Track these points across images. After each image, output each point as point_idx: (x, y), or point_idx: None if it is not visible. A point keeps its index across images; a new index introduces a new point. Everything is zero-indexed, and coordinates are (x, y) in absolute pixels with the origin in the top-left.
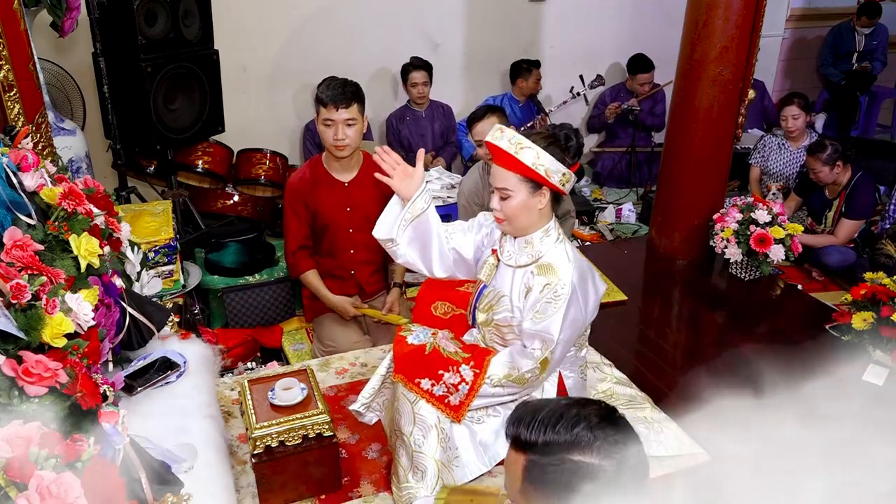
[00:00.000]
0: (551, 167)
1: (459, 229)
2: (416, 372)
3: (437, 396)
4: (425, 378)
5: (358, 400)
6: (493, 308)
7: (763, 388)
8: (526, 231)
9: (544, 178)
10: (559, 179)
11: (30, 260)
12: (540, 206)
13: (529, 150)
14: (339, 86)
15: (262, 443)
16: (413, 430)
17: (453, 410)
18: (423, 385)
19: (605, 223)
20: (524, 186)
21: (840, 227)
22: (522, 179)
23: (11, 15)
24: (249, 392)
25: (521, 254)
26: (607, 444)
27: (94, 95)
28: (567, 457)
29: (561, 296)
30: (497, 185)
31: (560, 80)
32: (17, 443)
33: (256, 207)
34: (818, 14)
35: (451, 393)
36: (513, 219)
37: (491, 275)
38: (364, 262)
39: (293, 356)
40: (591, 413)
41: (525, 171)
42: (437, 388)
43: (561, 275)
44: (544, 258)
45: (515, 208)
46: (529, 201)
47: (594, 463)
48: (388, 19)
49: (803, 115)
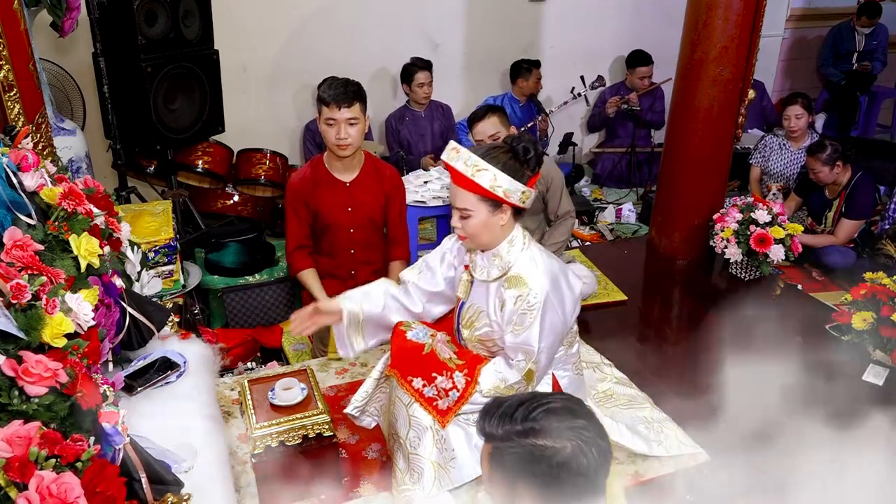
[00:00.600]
0: (510, 188)
1: (425, 268)
2: (411, 370)
3: (426, 398)
4: (418, 377)
5: (351, 403)
6: (475, 324)
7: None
8: (490, 246)
9: (503, 198)
10: (519, 198)
11: (30, 260)
12: (501, 223)
13: (486, 172)
14: (342, 85)
15: (262, 443)
16: (408, 432)
17: (440, 414)
18: (415, 384)
19: (605, 223)
20: (484, 206)
21: (840, 227)
22: (481, 199)
23: (11, 15)
24: (249, 392)
25: (491, 267)
26: (563, 430)
27: (94, 95)
28: (522, 441)
29: (534, 306)
30: (456, 205)
31: (560, 80)
32: (17, 443)
33: (256, 207)
34: (818, 14)
35: (440, 397)
36: (474, 237)
37: (467, 291)
38: (364, 262)
39: (293, 356)
40: (550, 402)
41: (483, 192)
42: (428, 390)
43: (531, 284)
44: (513, 269)
45: (476, 227)
46: (490, 220)
47: (548, 446)
48: (388, 19)
49: (806, 114)
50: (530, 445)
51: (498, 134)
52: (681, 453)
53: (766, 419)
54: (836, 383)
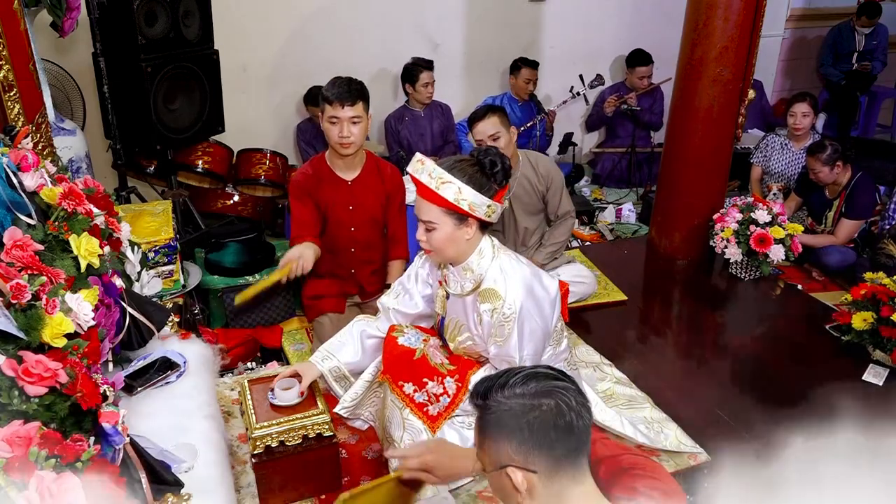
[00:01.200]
0: (475, 201)
1: (402, 292)
2: (402, 374)
3: (417, 403)
4: (409, 383)
5: (340, 403)
6: (457, 337)
7: (762, 389)
8: (458, 260)
9: (468, 212)
10: (484, 212)
11: (30, 260)
12: (467, 237)
13: (450, 185)
14: (345, 84)
15: (262, 443)
16: (403, 435)
17: (431, 420)
18: (406, 389)
19: (605, 223)
20: (449, 219)
21: (840, 227)
22: (446, 212)
23: (11, 15)
24: (249, 392)
25: (464, 280)
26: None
27: (94, 95)
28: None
29: (510, 317)
30: (421, 218)
31: (560, 80)
32: (17, 443)
33: (256, 207)
34: (818, 14)
35: (431, 402)
36: (440, 251)
37: (444, 306)
38: (365, 261)
39: (293, 356)
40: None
41: (447, 205)
42: (419, 395)
43: (504, 295)
44: (485, 283)
45: (440, 241)
46: (455, 233)
47: (529, 403)
48: (388, 19)
49: (812, 114)
50: (513, 405)
51: (498, 134)
52: (681, 452)
53: (766, 419)
54: (835, 383)
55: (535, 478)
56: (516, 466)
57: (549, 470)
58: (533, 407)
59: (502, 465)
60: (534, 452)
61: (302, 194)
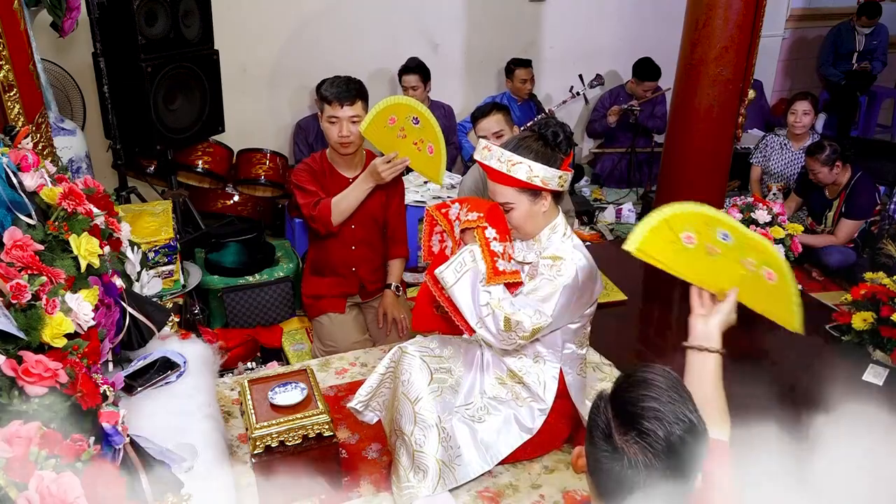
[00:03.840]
0: (546, 175)
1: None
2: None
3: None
4: (492, 229)
5: (355, 397)
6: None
7: (762, 389)
8: (534, 233)
9: (542, 187)
10: (557, 183)
11: (30, 260)
12: (543, 210)
13: (520, 164)
14: (344, 83)
15: (262, 443)
16: (414, 429)
17: (431, 256)
18: (448, 215)
19: (605, 223)
20: (524, 197)
21: (840, 227)
22: (521, 191)
23: (11, 15)
24: (249, 392)
25: (528, 251)
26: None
27: (94, 95)
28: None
29: (564, 274)
30: (497, 200)
31: (560, 80)
32: (17, 443)
33: (256, 207)
34: (818, 14)
35: (444, 244)
36: (520, 227)
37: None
38: (365, 259)
39: (293, 356)
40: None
41: (521, 185)
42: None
43: (566, 258)
44: (549, 250)
45: (520, 218)
46: (532, 208)
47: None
48: (388, 19)
49: (812, 113)
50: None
51: (502, 132)
52: None
53: (766, 419)
54: (835, 383)
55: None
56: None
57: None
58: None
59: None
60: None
61: (311, 178)
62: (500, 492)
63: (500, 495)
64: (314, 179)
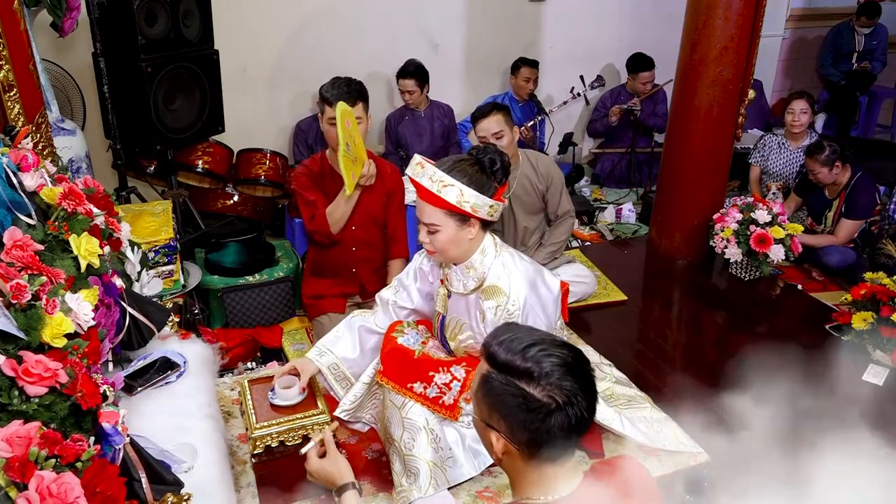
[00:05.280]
0: (477, 202)
1: (400, 287)
2: (407, 377)
3: (430, 399)
4: (417, 382)
5: (340, 406)
6: (458, 336)
7: (762, 388)
8: (461, 259)
9: (471, 213)
10: (486, 212)
11: (30, 260)
12: (470, 237)
13: (452, 188)
14: (344, 84)
15: (262, 443)
16: (402, 434)
17: (448, 410)
18: (416, 389)
19: (605, 223)
20: (451, 220)
21: (840, 227)
22: (449, 213)
23: (11, 15)
24: (249, 392)
25: (466, 279)
26: (556, 389)
27: (94, 95)
28: (515, 380)
29: (514, 313)
30: (423, 220)
31: (560, 80)
32: (17, 443)
33: (256, 207)
34: (818, 14)
35: (443, 393)
36: (443, 251)
37: (445, 305)
38: (365, 260)
39: (293, 356)
40: (558, 355)
41: (450, 208)
42: (430, 391)
43: (508, 292)
44: (488, 279)
45: (444, 242)
46: (458, 234)
47: (535, 396)
48: (388, 20)
49: (810, 112)
50: (520, 388)
51: (502, 132)
52: (680, 452)
53: (766, 419)
54: (835, 383)
55: (514, 449)
56: (502, 436)
57: (530, 448)
58: (536, 403)
59: (489, 425)
60: (521, 434)
61: (310, 183)
62: (500, 491)
63: (500, 495)
64: (313, 184)
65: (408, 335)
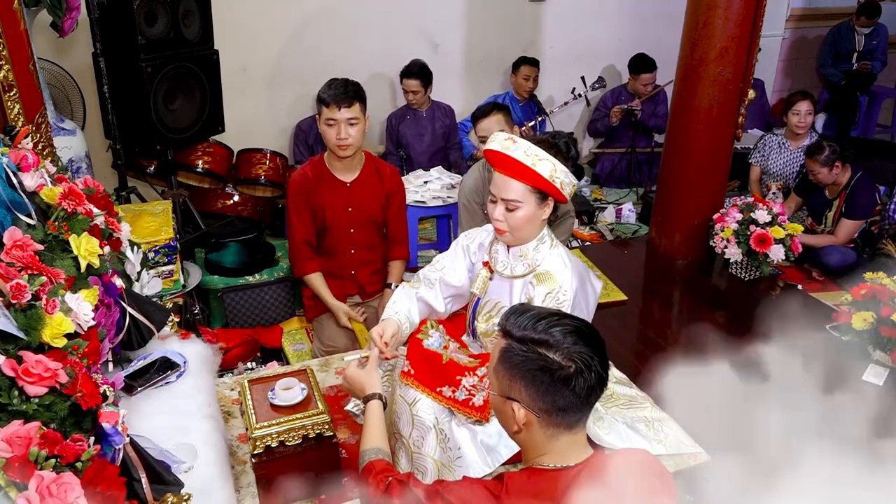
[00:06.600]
0: (565, 179)
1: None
2: (437, 381)
3: (460, 402)
4: (445, 385)
5: (352, 401)
6: (493, 319)
7: (762, 388)
8: (525, 241)
9: (558, 189)
10: (569, 191)
11: (30, 260)
12: (544, 217)
13: (546, 161)
14: (341, 85)
15: (262, 443)
16: (412, 431)
17: (479, 411)
18: (445, 393)
19: (605, 223)
20: (532, 197)
21: (840, 227)
22: (531, 190)
23: (11, 15)
24: (249, 392)
25: (516, 264)
26: (573, 351)
27: (94, 95)
28: (535, 348)
29: (564, 302)
30: (504, 196)
31: (560, 81)
32: (17, 443)
33: (256, 207)
34: (818, 14)
35: (472, 395)
36: (516, 229)
37: (485, 288)
38: (364, 261)
39: (293, 356)
40: (569, 324)
41: (538, 183)
42: (459, 394)
43: (561, 281)
44: (541, 266)
45: (522, 219)
46: (536, 212)
47: (555, 360)
48: (388, 19)
49: (813, 112)
50: (540, 354)
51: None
52: (681, 452)
53: (766, 419)
54: (835, 383)
55: (535, 419)
56: (523, 405)
57: (549, 416)
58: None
59: (510, 397)
60: (542, 400)
61: (299, 201)
62: None
63: None
64: (306, 199)
65: (433, 338)
